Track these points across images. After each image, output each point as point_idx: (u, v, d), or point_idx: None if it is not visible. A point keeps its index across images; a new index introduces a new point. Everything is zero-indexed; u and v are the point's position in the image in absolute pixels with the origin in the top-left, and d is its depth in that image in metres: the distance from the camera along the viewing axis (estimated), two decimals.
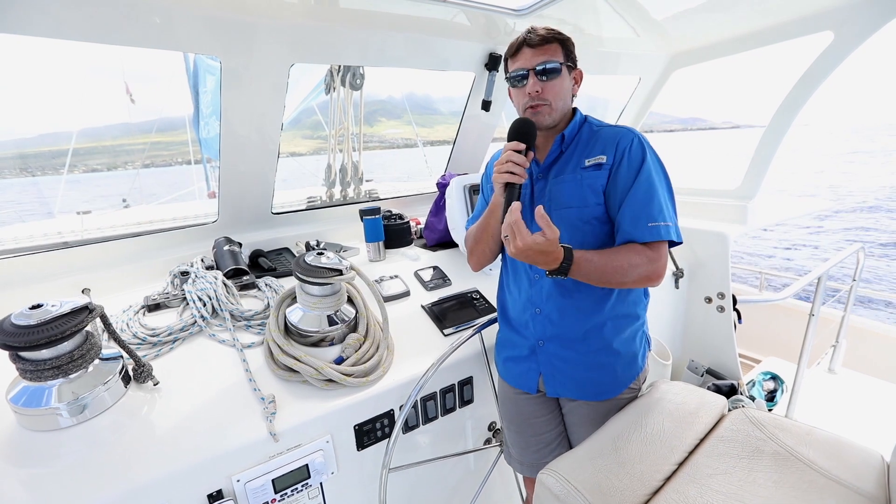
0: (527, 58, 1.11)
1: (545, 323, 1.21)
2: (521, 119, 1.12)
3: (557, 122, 1.16)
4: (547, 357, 1.23)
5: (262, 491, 1.06)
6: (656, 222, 1.05)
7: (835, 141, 75.25)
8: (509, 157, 1.06)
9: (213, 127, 3.52)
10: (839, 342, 2.62)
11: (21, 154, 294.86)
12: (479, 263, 1.34)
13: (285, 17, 1.43)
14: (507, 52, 1.17)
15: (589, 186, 1.12)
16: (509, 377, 1.35)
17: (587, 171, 1.13)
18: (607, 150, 1.11)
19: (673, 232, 1.07)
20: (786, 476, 0.95)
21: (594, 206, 1.12)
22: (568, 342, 1.19)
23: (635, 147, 1.10)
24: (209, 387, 1.16)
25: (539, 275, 1.20)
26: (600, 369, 1.20)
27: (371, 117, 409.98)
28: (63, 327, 0.95)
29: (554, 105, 1.13)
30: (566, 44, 1.14)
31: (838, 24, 1.75)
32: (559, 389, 1.24)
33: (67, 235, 3.12)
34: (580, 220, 1.13)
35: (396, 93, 40.76)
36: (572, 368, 1.20)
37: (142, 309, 1.41)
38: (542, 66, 1.09)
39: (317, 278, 1.20)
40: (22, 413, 0.97)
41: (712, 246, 2.13)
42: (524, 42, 1.12)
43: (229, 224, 1.90)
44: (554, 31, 1.12)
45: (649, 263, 1.05)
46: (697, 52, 2.35)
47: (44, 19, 1.15)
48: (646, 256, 1.05)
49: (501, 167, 1.06)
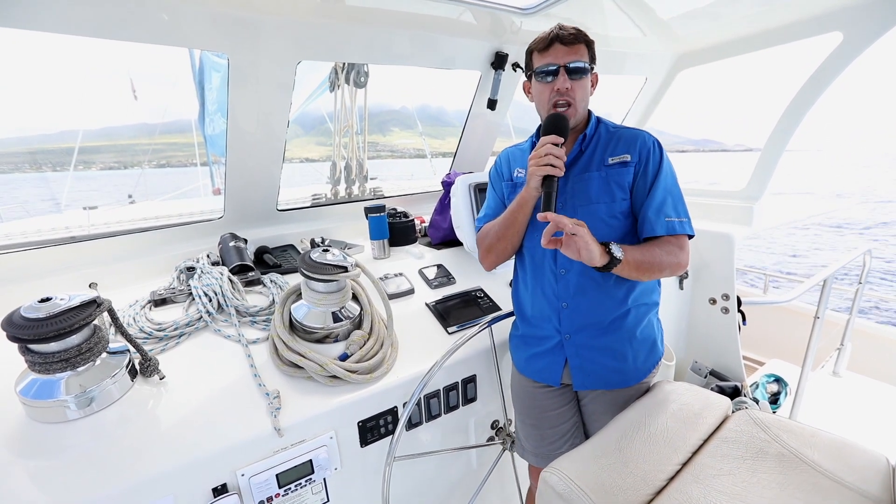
0: (559, 54, 1.12)
1: (573, 316, 1.22)
2: (556, 115, 1.14)
3: (577, 122, 1.19)
4: (575, 349, 1.24)
5: (267, 485, 1.06)
6: (678, 217, 1.14)
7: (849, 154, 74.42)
8: (549, 150, 1.06)
9: (219, 124, 3.53)
10: (844, 345, 2.61)
11: (42, 150, 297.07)
12: (496, 262, 1.33)
13: (292, 14, 1.44)
14: (536, 45, 1.17)
15: (616, 183, 1.15)
16: (531, 372, 1.35)
17: (612, 168, 1.16)
18: (631, 150, 1.16)
19: (688, 226, 1.16)
20: (790, 478, 0.95)
21: (620, 200, 1.16)
22: (595, 333, 1.22)
23: (656, 149, 1.16)
24: (214, 382, 1.17)
25: (565, 269, 1.20)
26: (625, 358, 1.23)
27: (384, 127, 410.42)
28: (71, 321, 0.96)
29: (577, 106, 1.15)
30: (591, 46, 1.16)
31: (847, 25, 1.74)
32: (586, 382, 1.26)
33: (74, 230, 3.15)
34: (609, 214, 1.16)
35: (410, 104, 41.04)
36: (601, 358, 1.23)
37: (148, 304, 1.42)
38: (574, 63, 1.11)
39: (322, 275, 1.21)
40: (31, 405, 0.98)
41: (717, 247, 2.13)
42: (557, 38, 1.12)
43: (235, 220, 1.90)
44: (582, 31, 1.14)
45: (680, 253, 1.13)
46: (704, 52, 2.33)
47: (52, 15, 1.16)
48: (677, 247, 1.13)
49: (541, 160, 1.06)
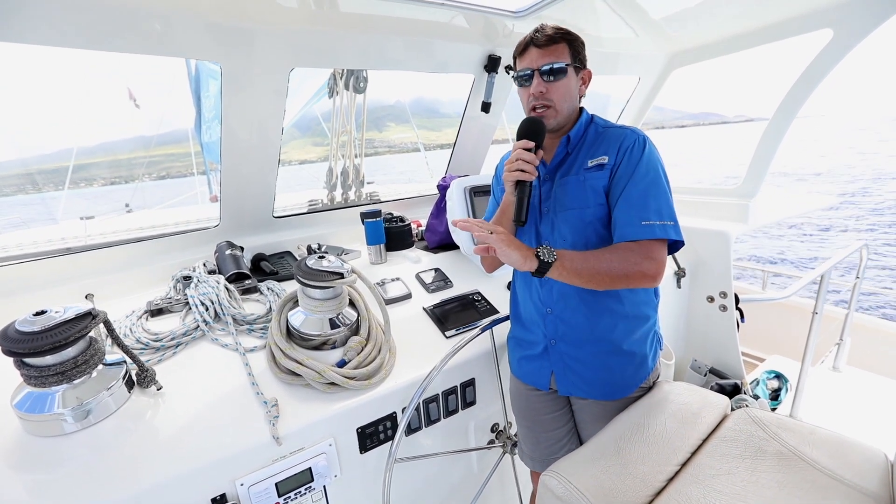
0: (533, 58, 1.10)
1: (556, 323, 1.21)
2: (531, 118, 1.12)
3: (562, 124, 1.16)
4: (559, 356, 1.23)
5: (266, 494, 1.06)
6: (650, 221, 1.03)
7: (841, 135, 74.69)
8: (519, 154, 1.05)
9: (216, 131, 3.53)
10: (843, 340, 2.61)
11: (41, 170, 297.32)
12: (492, 265, 1.37)
13: (285, 23, 1.44)
14: (515, 51, 1.16)
15: (591, 187, 1.11)
16: (522, 374, 1.35)
17: (590, 171, 1.11)
18: (610, 151, 1.10)
19: (671, 231, 1.04)
20: (789, 476, 0.95)
21: (595, 206, 1.10)
22: (579, 342, 1.19)
23: (637, 147, 1.09)
24: (212, 391, 1.17)
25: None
26: (611, 370, 1.19)
27: (380, 122, 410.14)
28: (67, 333, 0.95)
29: (558, 107, 1.12)
30: (574, 43, 1.12)
31: (837, 22, 1.75)
32: (570, 388, 1.24)
33: (71, 241, 3.14)
34: (582, 221, 1.12)
35: (405, 97, 41.06)
36: (583, 368, 1.20)
37: (145, 314, 1.41)
38: (547, 66, 1.09)
39: (318, 282, 1.21)
40: (27, 419, 0.97)
41: (714, 245, 2.13)
42: (531, 42, 1.11)
43: (231, 228, 1.90)
44: (562, 30, 1.11)
45: (643, 262, 1.02)
46: (696, 51, 2.34)
47: (45, 28, 1.16)
48: (639, 255, 1.02)
49: (511, 165, 1.06)
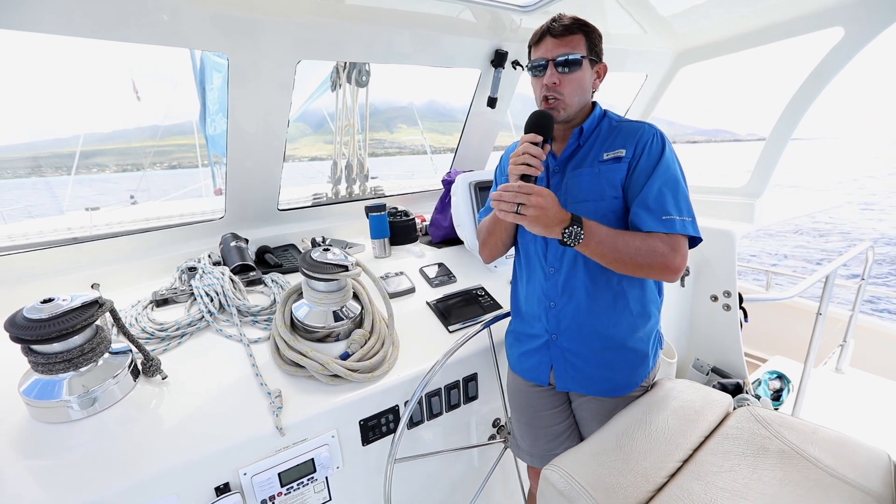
0: (548, 48, 1.08)
1: (558, 317, 1.20)
2: (540, 112, 1.10)
3: (572, 116, 1.14)
4: (559, 351, 1.22)
5: (269, 484, 1.07)
6: (671, 216, 1.03)
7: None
8: (526, 149, 1.04)
9: (220, 124, 3.53)
10: (847, 342, 2.60)
11: (56, 154, 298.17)
12: (490, 255, 1.34)
13: (292, 14, 1.44)
14: (531, 40, 1.15)
15: (607, 180, 1.09)
16: (521, 369, 1.35)
17: (606, 164, 1.10)
18: (627, 145, 1.09)
19: (690, 226, 1.05)
20: (791, 474, 0.95)
21: (611, 199, 1.09)
22: (580, 338, 1.19)
23: (656, 142, 1.07)
24: (216, 381, 1.17)
25: (554, 268, 1.19)
26: (611, 367, 1.19)
27: (391, 123, 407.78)
28: (74, 321, 0.96)
29: (569, 100, 1.10)
30: (591, 35, 1.10)
31: (848, 20, 1.73)
32: (569, 383, 1.24)
33: (77, 231, 3.16)
34: (596, 213, 1.10)
35: (416, 100, 40.66)
36: (583, 364, 1.20)
37: (150, 304, 1.42)
38: (562, 57, 1.07)
39: (323, 274, 1.21)
40: (34, 405, 0.99)
41: (719, 244, 2.12)
42: (547, 31, 1.09)
43: (236, 220, 1.91)
44: (581, 21, 1.09)
45: (669, 253, 1.03)
46: (704, 48, 2.32)
47: (52, 16, 1.16)
48: (668, 246, 1.03)
49: (517, 159, 1.05)
